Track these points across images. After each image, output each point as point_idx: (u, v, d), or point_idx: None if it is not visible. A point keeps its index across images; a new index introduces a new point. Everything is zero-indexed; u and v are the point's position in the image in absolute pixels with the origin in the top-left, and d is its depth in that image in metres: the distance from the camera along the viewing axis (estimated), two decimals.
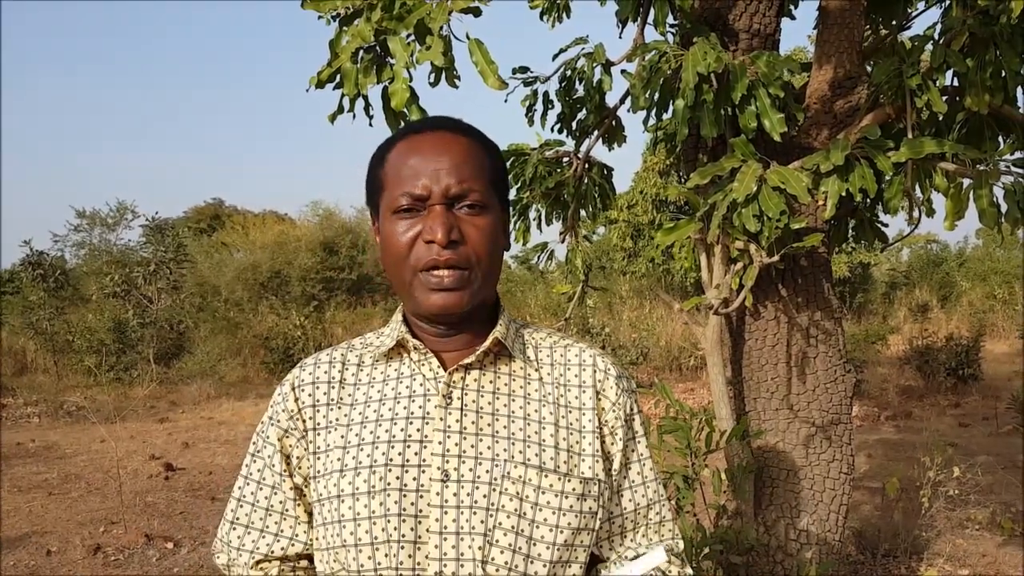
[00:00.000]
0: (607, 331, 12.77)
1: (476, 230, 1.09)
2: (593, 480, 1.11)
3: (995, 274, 20.58)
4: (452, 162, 1.08)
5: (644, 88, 3.01)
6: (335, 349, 1.21)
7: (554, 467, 1.09)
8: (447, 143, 1.10)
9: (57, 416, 10.22)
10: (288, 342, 13.58)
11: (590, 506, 1.11)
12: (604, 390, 1.17)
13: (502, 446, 1.08)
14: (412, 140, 1.11)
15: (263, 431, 1.19)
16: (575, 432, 1.13)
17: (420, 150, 1.09)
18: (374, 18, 2.39)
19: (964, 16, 2.90)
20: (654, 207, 16.88)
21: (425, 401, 1.11)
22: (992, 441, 7.83)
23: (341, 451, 1.10)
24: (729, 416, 3.39)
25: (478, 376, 1.13)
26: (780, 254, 2.94)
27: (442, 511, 1.05)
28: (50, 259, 15.45)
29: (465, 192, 1.08)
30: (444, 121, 1.15)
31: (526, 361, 1.16)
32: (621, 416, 1.17)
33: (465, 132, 1.14)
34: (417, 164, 1.08)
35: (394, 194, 1.09)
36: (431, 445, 1.08)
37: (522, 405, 1.13)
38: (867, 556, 4.52)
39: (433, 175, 1.07)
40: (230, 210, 26.44)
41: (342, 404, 1.14)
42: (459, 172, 1.08)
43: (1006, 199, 2.77)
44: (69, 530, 5.57)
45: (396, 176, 1.10)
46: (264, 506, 1.18)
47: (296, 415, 1.15)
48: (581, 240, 4.08)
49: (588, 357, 1.19)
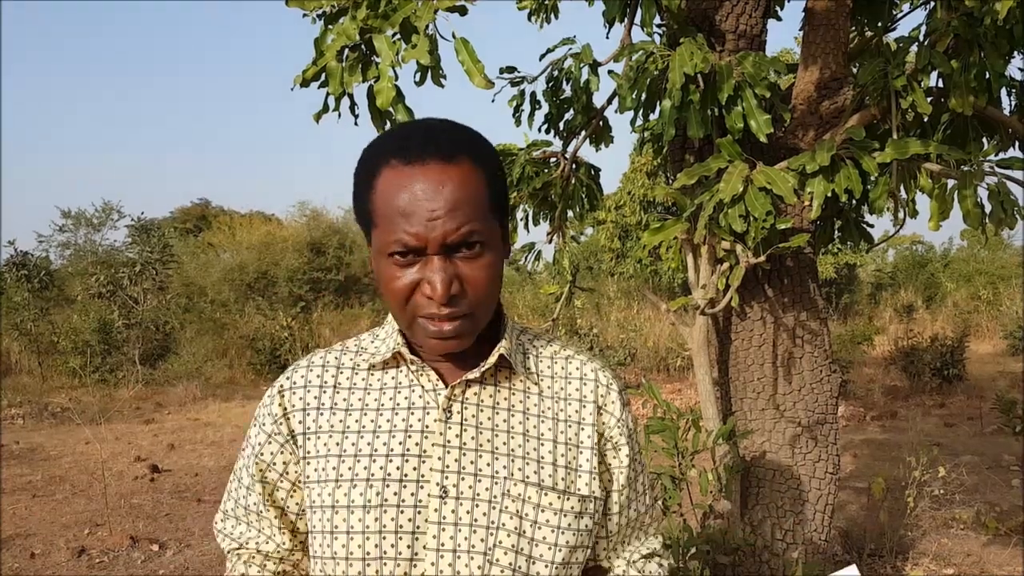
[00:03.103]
0: (595, 332, 12.78)
1: (477, 273, 1.01)
2: (589, 498, 1.10)
3: (980, 275, 20.75)
4: (447, 205, 0.98)
5: (631, 88, 3.01)
6: (328, 351, 1.17)
7: (552, 485, 1.08)
8: (441, 179, 0.98)
9: (42, 418, 10.13)
10: (275, 343, 13.52)
11: (586, 524, 1.10)
12: (606, 405, 1.15)
13: (502, 463, 1.07)
14: (400, 172, 0.99)
15: (250, 431, 1.19)
16: (573, 448, 1.11)
17: (410, 188, 0.98)
18: (359, 16, 2.38)
19: (949, 18, 2.91)
20: (641, 208, 16.90)
21: (424, 414, 1.08)
22: (977, 441, 7.88)
23: (336, 459, 1.07)
24: (716, 416, 3.39)
25: (478, 390, 1.10)
26: (766, 254, 2.94)
27: (440, 528, 1.03)
28: (35, 259, 15.34)
29: (465, 238, 0.99)
30: (436, 142, 1.01)
31: (527, 374, 1.13)
32: (625, 432, 1.16)
33: (459, 156, 1.00)
34: (409, 207, 0.98)
35: (386, 238, 1.00)
36: (430, 460, 1.05)
37: (522, 420, 1.10)
38: (853, 556, 4.54)
39: (428, 224, 0.97)
40: (216, 210, 26.32)
41: (336, 409, 1.11)
42: (456, 217, 0.98)
43: (990, 200, 2.79)
44: (53, 532, 5.52)
45: (387, 217, 0.99)
46: (243, 504, 1.19)
47: (281, 419, 1.13)
48: (568, 241, 4.08)
49: (590, 371, 1.17)
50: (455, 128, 1.06)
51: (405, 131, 1.05)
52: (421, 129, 1.04)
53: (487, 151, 1.06)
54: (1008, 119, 3.15)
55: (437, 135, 1.02)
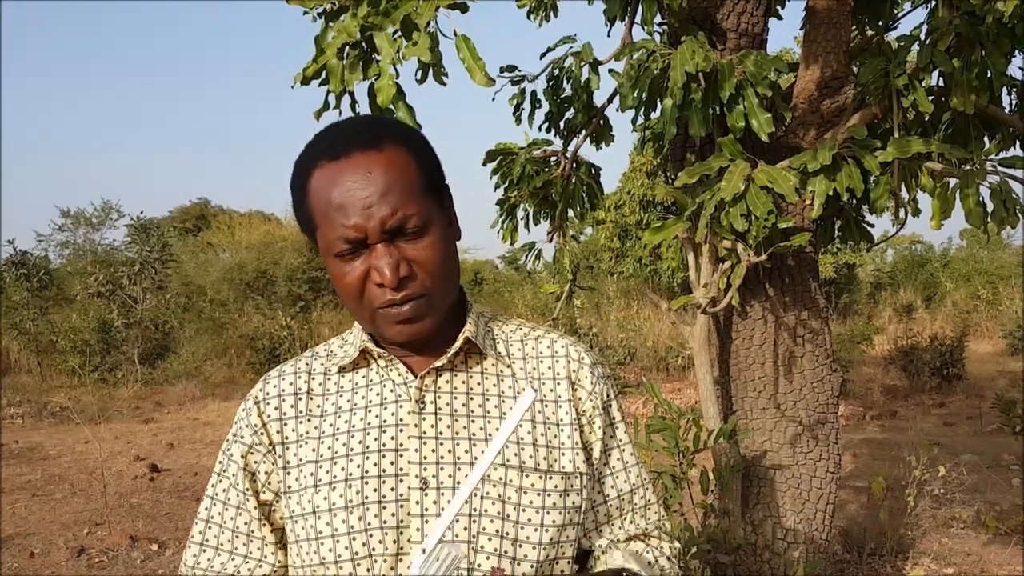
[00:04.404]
0: (595, 331, 12.78)
1: (424, 253, 1.02)
2: (574, 474, 1.09)
3: (979, 274, 20.75)
4: (379, 191, 0.99)
5: (632, 87, 3.00)
6: (299, 359, 1.17)
7: (534, 465, 1.07)
8: (366, 167, 1.00)
9: (41, 417, 10.13)
10: (274, 342, 13.52)
11: (573, 500, 1.09)
12: (579, 380, 1.14)
13: (480, 448, 1.06)
14: (329, 169, 1.01)
15: (227, 449, 1.14)
16: (552, 426, 1.10)
17: (341, 182, 0.99)
18: (360, 14, 2.37)
19: (950, 16, 2.91)
20: (641, 207, 16.90)
21: (397, 408, 1.07)
22: (976, 440, 7.88)
23: (314, 465, 1.06)
24: (716, 415, 3.39)
25: (450, 378, 1.10)
26: (767, 253, 2.94)
27: (423, 520, 1.02)
28: (34, 259, 15.36)
29: (403, 221, 1.00)
30: (356, 134, 1.03)
31: (498, 357, 1.12)
32: (598, 404, 1.14)
33: (381, 142, 1.02)
34: (342, 200, 0.99)
35: (329, 237, 1.01)
36: (407, 453, 1.05)
37: (497, 404, 1.09)
38: (853, 555, 4.54)
39: (364, 213, 0.98)
40: (216, 210, 26.29)
41: (311, 416, 1.10)
42: (390, 201, 0.99)
43: (992, 198, 2.78)
44: (53, 532, 5.52)
45: (324, 215, 1.01)
46: (231, 527, 1.13)
47: (261, 430, 1.11)
48: (569, 240, 4.08)
49: (560, 348, 1.16)
50: (376, 119, 1.09)
51: (328, 132, 1.07)
52: (342, 126, 1.07)
53: (410, 134, 1.07)
54: (1010, 118, 3.15)
55: (358, 127, 1.05)
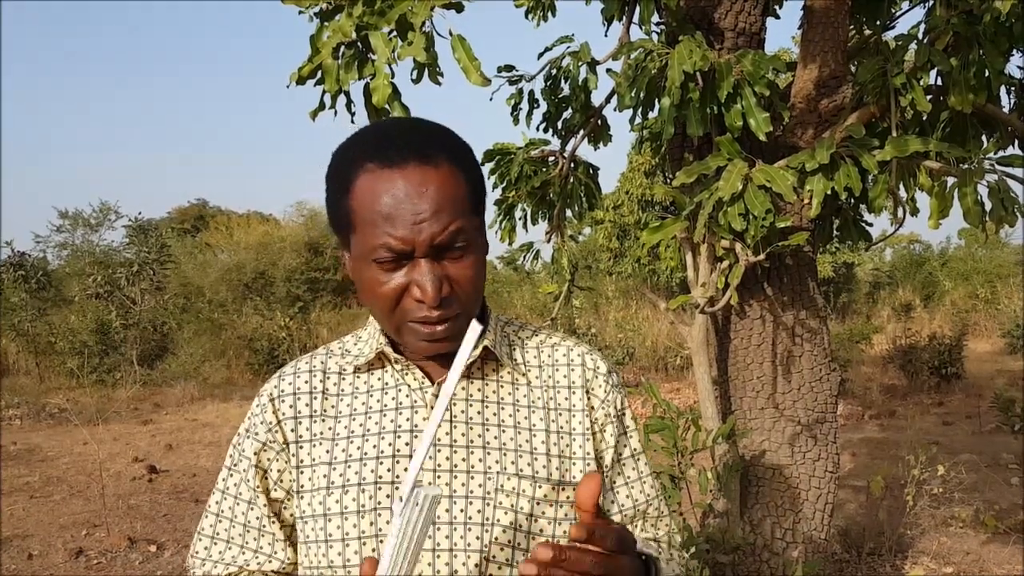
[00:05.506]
0: (593, 331, 12.78)
1: (465, 272, 1.00)
2: None
3: (977, 274, 20.76)
4: (432, 208, 0.96)
5: (630, 87, 3.00)
6: (313, 356, 1.15)
7: (547, 476, 1.06)
8: (422, 182, 0.96)
9: (39, 418, 10.11)
10: (273, 343, 13.50)
11: None
12: (593, 388, 1.14)
13: (494, 458, 1.05)
14: (380, 175, 0.97)
15: (239, 444, 1.13)
16: (565, 436, 1.10)
17: (393, 192, 0.96)
18: (355, 13, 2.37)
19: (948, 16, 2.90)
20: (640, 207, 16.90)
21: (412, 413, 1.06)
22: (975, 439, 7.88)
23: (327, 467, 1.05)
24: (715, 415, 3.39)
25: (466, 385, 1.08)
26: (766, 253, 2.93)
27: (435, 528, 1.01)
28: (32, 260, 15.35)
29: (451, 239, 0.97)
30: (414, 145, 0.98)
31: (514, 365, 1.11)
32: (611, 413, 1.14)
33: (438, 156, 0.98)
34: (392, 210, 0.95)
35: (371, 243, 0.97)
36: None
37: (512, 413, 1.08)
38: (852, 554, 4.53)
39: (414, 228, 0.95)
40: (214, 211, 26.31)
41: (326, 416, 1.09)
42: (442, 218, 0.96)
43: (990, 197, 2.78)
44: (51, 533, 5.50)
45: (369, 220, 0.97)
46: (241, 522, 1.12)
47: (275, 427, 1.10)
48: (567, 240, 4.07)
49: (576, 356, 1.15)
50: (430, 127, 1.04)
51: (379, 132, 1.02)
52: (396, 129, 1.02)
53: (463, 148, 1.04)
54: (1008, 117, 3.15)
55: (413, 136, 1.00)
